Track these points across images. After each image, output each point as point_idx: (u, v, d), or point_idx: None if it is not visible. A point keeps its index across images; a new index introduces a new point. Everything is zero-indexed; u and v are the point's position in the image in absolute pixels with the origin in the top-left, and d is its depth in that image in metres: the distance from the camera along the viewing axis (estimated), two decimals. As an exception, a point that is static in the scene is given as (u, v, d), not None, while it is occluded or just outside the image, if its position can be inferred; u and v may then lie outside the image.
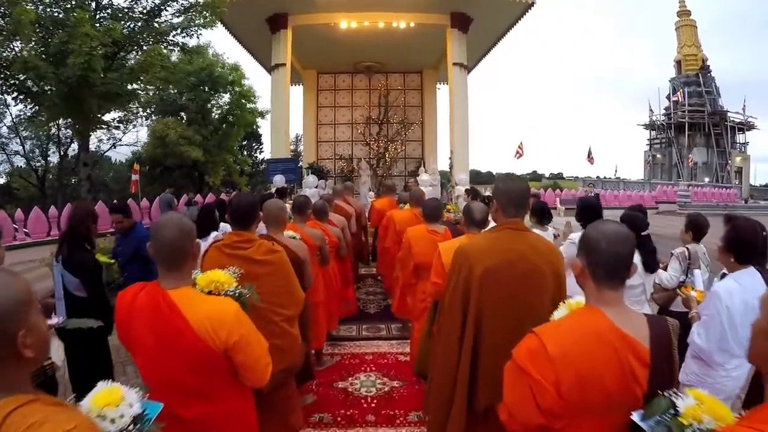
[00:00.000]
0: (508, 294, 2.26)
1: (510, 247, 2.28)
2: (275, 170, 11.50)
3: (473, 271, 2.23)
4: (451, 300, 2.35)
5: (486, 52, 15.74)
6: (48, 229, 14.36)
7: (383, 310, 6.77)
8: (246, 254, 2.57)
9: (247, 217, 2.65)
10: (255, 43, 14.05)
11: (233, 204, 2.68)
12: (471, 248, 2.31)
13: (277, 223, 3.28)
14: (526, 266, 2.26)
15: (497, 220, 2.40)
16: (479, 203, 3.33)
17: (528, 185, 2.48)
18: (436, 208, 4.05)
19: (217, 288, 2.11)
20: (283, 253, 2.67)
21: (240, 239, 2.61)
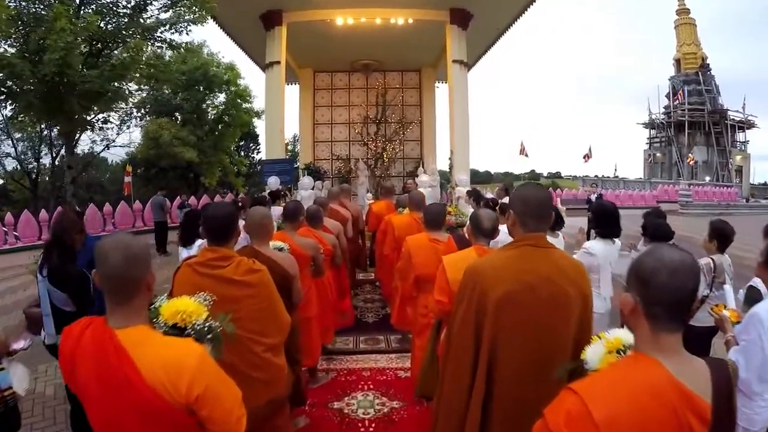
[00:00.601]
0: (528, 322, 1.93)
1: (531, 267, 1.95)
2: (270, 171, 11.12)
3: (488, 295, 1.90)
4: (462, 327, 2.01)
5: (486, 50, 15.39)
6: (39, 233, 14.06)
7: (382, 319, 6.44)
8: (222, 274, 2.23)
9: (224, 231, 2.31)
10: (249, 41, 13.68)
11: (207, 215, 2.34)
12: (485, 269, 1.97)
13: (262, 233, 2.95)
14: (551, 290, 1.94)
15: (514, 234, 2.07)
16: (488, 210, 3.00)
17: (550, 193, 2.14)
18: (438, 215, 3.71)
19: (185, 320, 1.77)
20: (265, 272, 2.32)
21: (215, 256, 2.27)
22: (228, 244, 2.31)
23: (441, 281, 2.78)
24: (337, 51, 14.38)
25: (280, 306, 2.40)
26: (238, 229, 2.37)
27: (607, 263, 4.12)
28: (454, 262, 2.79)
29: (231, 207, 2.38)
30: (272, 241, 3.42)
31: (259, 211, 2.99)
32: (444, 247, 3.56)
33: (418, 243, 3.63)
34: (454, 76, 11.94)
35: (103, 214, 15.16)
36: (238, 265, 2.25)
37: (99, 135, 23.49)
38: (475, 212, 2.99)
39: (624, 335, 1.55)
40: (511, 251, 2.00)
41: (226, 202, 2.52)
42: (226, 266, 2.24)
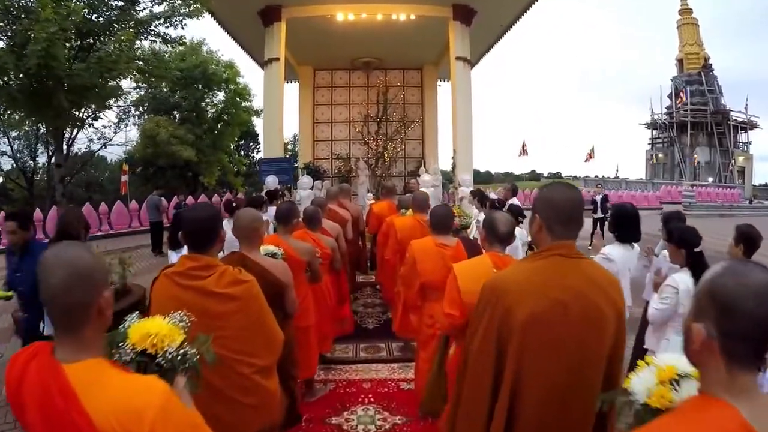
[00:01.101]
0: (558, 343, 1.66)
1: (561, 281, 1.67)
2: (268, 170, 10.85)
3: (513, 316, 1.62)
4: (481, 349, 1.73)
5: (489, 48, 15.14)
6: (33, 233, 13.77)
7: (383, 325, 6.16)
8: (203, 286, 1.95)
9: (205, 237, 2.03)
10: (248, 37, 13.42)
11: (186, 219, 2.06)
12: (508, 283, 1.69)
13: (251, 237, 2.67)
14: (583, 307, 1.66)
15: (540, 242, 1.79)
16: (503, 213, 2.71)
17: (581, 193, 1.86)
18: (445, 217, 3.42)
19: (156, 346, 1.49)
20: (253, 283, 2.04)
21: (196, 265, 1.99)
22: (210, 251, 2.03)
23: (452, 292, 2.50)
24: (338, 48, 14.11)
25: (271, 321, 2.12)
26: (222, 234, 2.09)
27: (626, 269, 3.85)
28: (466, 271, 2.52)
29: (212, 209, 2.09)
30: (265, 246, 3.14)
31: (247, 214, 2.71)
32: (452, 253, 3.28)
33: (423, 248, 3.35)
34: (457, 73, 11.66)
35: (98, 214, 14.88)
36: (221, 275, 1.97)
37: (96, 133, 23.19)
38: (489, 215, 2.71)
39: (677, 361, 1.32)
40: (538, 262, 1.72)
41: (208, 204, 2.22)
42: (207, 277, 1.96)
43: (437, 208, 3.48)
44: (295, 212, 3.70)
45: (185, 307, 1.91)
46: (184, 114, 24.87)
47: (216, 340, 1.90)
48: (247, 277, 2.04)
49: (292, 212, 3.68)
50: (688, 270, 3.33)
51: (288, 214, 3.65)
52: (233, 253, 2.74)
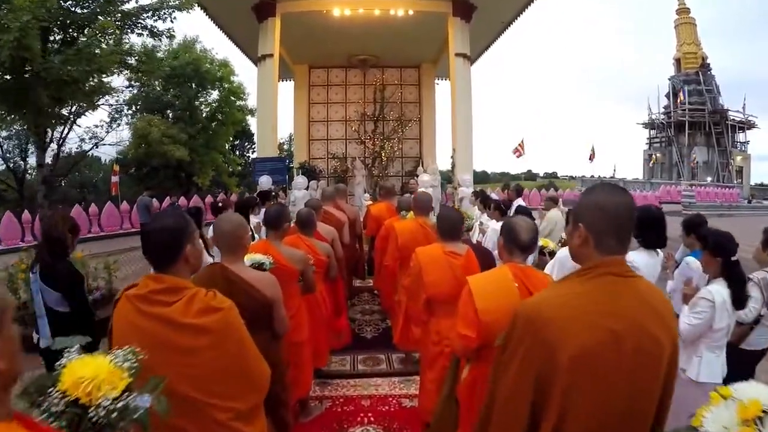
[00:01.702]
0: (611, 382, 1.32)
1: (615, 308, 1.32)
2: (262, 170, 10.47)
3: (558, 353, 1.27)
4: (514, 395, 1.38)
5: (488, 45, 14.77)
6: (22, 235, 13.39)
7: (382, 333, 5.80)
8: (167, 314, 1.58)
9: (169, 251, 1.66)
10: (241, 34, 13.01)
11: (146, 230, 1.69)
12: (550, 311, 1.33)
13: (233, 247, 2.32)
14: (640, 339, 1.33)
15: (583, 258, 1.44)
16: (525, 219, 2.36)
17: (633, 198, 1.51)
18: (455, 222, 3.06)
19: (92, 395, 1.14)
20: (230, 310, 1.68)
21: (159, 288, 1.63)
22: (175, 269, 1.67)
23: (467, 311, 2.16)
24: (334, 45, 13.75)
25: (254, 357, 1.75)
26: (194, 247, 1.72)
27: (652, 278, 3.50)
28: (483, 286, 2.17)
29: (179, 219, 1.68)
30: (251, 255, 2.78)
31: (228, 219, 2.35)
32: (462, 262, 2.92)
33: (430, 257, 2.99)
34: (457, 70, 11.30)
35: (88, 216, 14.47)
36: (190, 301, 1.59)
37: (87, 133, 22.68)
38: (509, 221, 2.35)
39: (760, 394, 1.08)
40: (586, 284, 1.37)
41: (174, 212, 1.83)
42: (172, 303, 1.59)
43: (446, 212, 3.11)
44: (285, 216, 3.34)
45: (148, 339, 1.56)
46: (177, 113, 24.43)
47: (186, 381, 1.54)
48: (223, 303, 1.66)
49: (282, 216, 3.32)
50: (724, 280, 3.00)
51: (278, 218, 3.28)
52: (213, 265, 2.38)
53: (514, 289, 2.17)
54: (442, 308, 3.00)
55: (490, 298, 2.15)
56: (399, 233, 4.24)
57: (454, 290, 2.92)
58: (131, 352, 1.29)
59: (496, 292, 2.17)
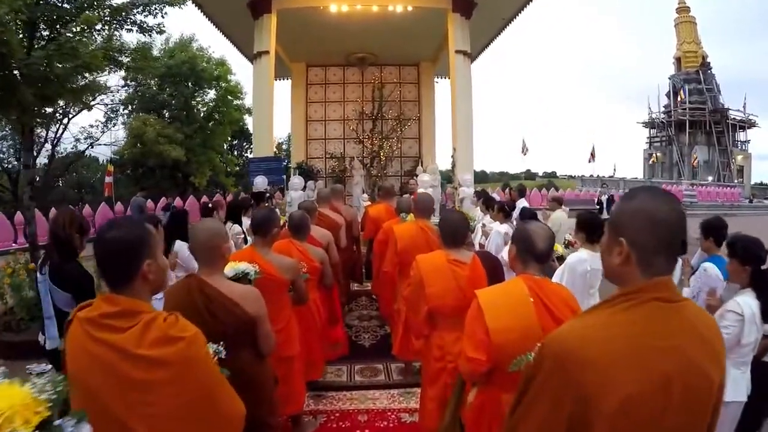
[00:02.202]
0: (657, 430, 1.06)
1: (665, 343, 1.07)
2: (257, 170, 10.19)
3: (598, 401, 1.02)
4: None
5: (488, 43, 14.49)
6: (14, 237, 13.11)
7: (380, 341, 5.54)
8: (120, 343, 1.32)
9: (125, 267, 1.40)
10: (237, 31, 12.74)
11: (99, 239, 1.42)
12: (586, 351, 1.07)
13: (211, 257, 2.06)
14: (691, 379, 1.08)
15: (624, 278, 1.18)
16: (541, 225, 2.10)
17: (682, 206, 1.25)
18: (460, 227, 2.79)
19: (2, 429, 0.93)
20: (193, 340, 1.40)
21: (111, 311, 1.36)
22: (131, 288, 1.40)
23: (476, 331, 1.90)
24: (331, 43, 13.49)
25: (223, 393, 1.48)
26: (155, 262, 1.45)
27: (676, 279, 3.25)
28: (495, 302, 1.92)
29: (136, 227, 1.42)
30: (234, 264, 2.52)
31: (204, 227, 2.09)
32: (468, 272, 2.67)
33: (433, 265, 2.73)
34: (457, 67, 11.02)
35: (82, 217, 14.22)
36: (146, 327, 1.32)
37: (83, 133, 22.39)
38: (523, 227, 2.09)
39: None
40: (631, 313, 1.11)
41: (132, 219, 1.53)
42: (126, 329, 1.32)
43: (450, 216, 2.84)
44: (274, 221, 3.07)
45: (100, 370, 1.31)
46: (173, 112, 24.09)
47: (142, 420, 1.29)
48: (184, 330, 1.39)
49: (270, 220, 3.05)
50: (753, 291, 2.75)
51: (265, 222, 3.02)
52: (190, 278, 2.12)
53: (529, 306, 1.92)
54: (445, 321, 2.75)
55: (503, 316, 1.90)
56: (398, 237, 3.97)
57: (458, 302, 2.67)
58: (54, 381, 1.05)
59: (510, 309, 1.91)
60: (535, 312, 1.92)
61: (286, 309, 3.13)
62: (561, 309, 1.99)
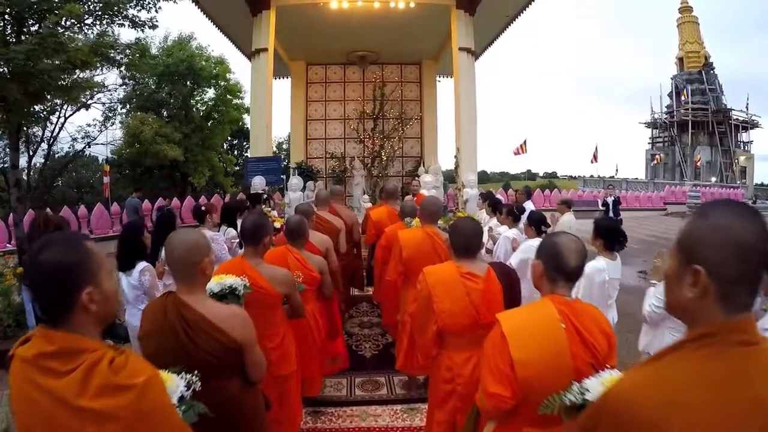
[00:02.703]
0: None
1: (747, 395, 0.81)
2: (255, 170, 9.89)
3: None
4: None
5: (492, 40, 14.20)
6: (8, 238, 12.87)
7: (382, 351, 5.27)
8: (60, 391, 1.04)
9: (58, 296, 1.12)
10: (235, 28, 12.44)
11: (29, 261, 1.15)
12: (658, 414, 0.80)
13: (189, 275, 1.79)
14: None
15: (698, 315, 0.91)
16: (571, 237, 1.81)
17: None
18: (473, 236, 2.50)
19: None
20: (147, 387, 1.12)
21: (50, 350, 1.09)
22: (70, 322, 1.12)
23: (499, 363, 1.63)
24: (332, 41, 13.21)
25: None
26: (98, 289, 1.17)
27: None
28: (520, 329, 1.65)
29: (73, 247, 1.13)
30: (220, 279, 2.24)
31: (180, 240, 1.81)
32: (482, 286, 2.38)
33: (442, 278, 2.44)
34: (461, 65, 10.73)
35: (78, 218, 13.90)
36: (88, 372, 1.04)
37: (80, 132, 22.05)
38: (551, 241, 1.81)
39: None
40: (711, 363, 0.85)
41: (70, 237, 1.22)
42: (66, 373, 1.05)
43: (462, 223, 2.55)
44: (264, 227, 2.78)
45: (41, 419, 1.04)
46: (172, 111, 23.78)
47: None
48: (134, 376, 1.09)
49: (261, 228, 2.76)
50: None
51: (255, 230, 2.74)
52: (166, 297, 1.84)
53: (560, 332, 1.65)
54: (455, 340, 2.47)
55: (531, 346, 1.62)
56: (403, 244, 3.68)
57: (471, 320, 2.40)
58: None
59: (538, 336, 1.64)
60: (567, 339, 1.65)
61: (280, 325, 2.86)
62: (594, 334, 1.72)
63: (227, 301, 2.11)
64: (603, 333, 1.76)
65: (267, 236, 2.76)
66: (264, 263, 2.76)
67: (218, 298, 2.11)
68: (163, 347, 1.80)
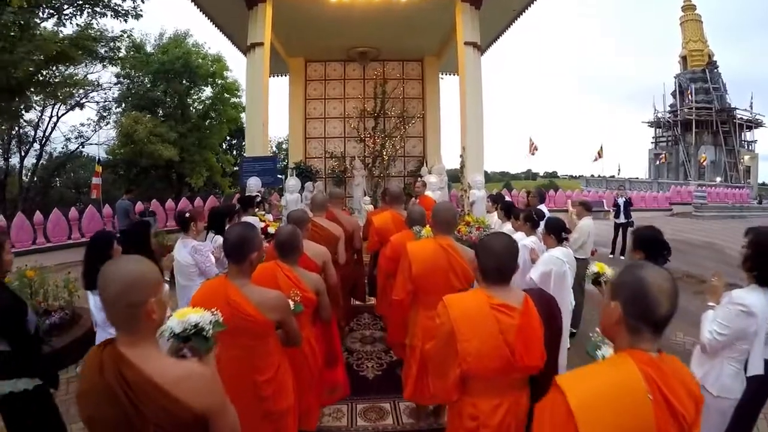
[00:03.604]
0: None
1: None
2: (251, 171, 9.40)
3: None
4: None
5: (497, 37, 13.67)
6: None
7: (387, 371, 4.78)
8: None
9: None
10: (230, 21, 11.90)
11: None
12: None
13: (130, 321, 1.32)
14: None
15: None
16: (661, 271, 1.31)
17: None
18: (508, 258, 2.00)
19: None
20: None
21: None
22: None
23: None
24: (331, 37, 12.72)
25: None
26: None
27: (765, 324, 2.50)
28: (594, 403, 1.18)
29: None
30: (184, 315, 1.74)
31: (117, 274, 1.32)
32: (519, 321, 1.89)
33: (468, 312, 1.94)
34: (467, 60, 10.22)
35: (68, 221, 13.36)
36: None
37: (73, 132, 21.56)
38: (635, 276, 1.30)
39: None
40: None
41: None
42: None
43: (494, 241, 2.02)
44: (251, 242, 2.28)
45: None
46: (168, 110, 23.24)
47: None
48: None
49: (247, 242, 2.27)
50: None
51: (239, 245, 2.25)
52: (103, 346, 1.35)
53: (646, 407, 1.17)
54: (483, 385, 1.99)
55: (609, 427, 1.14)
56: (413, 258, 3.16)
57: (504, 363, 1.92)
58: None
59: (620, 413, 1.15)
60: (655, 418, 1.17)
61: (273, 354, 2.39)
62: (684, 401, 1.24)
63: (193, 343, 1.62)
64: (692, 397, 1.28)
65: (254, 252, 2.26)
66: (250, 284, 2.28)
67: (181, 340, 1.62)
68: (103, 415, 1.32)
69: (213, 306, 1.83)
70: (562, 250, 3.97)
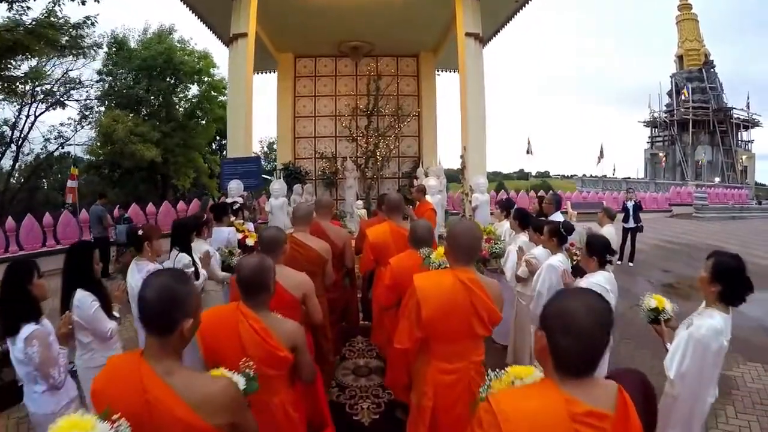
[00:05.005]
0: None
1: None
2: (232, 173, 8.59)
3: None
4: None
5: (498, 29, 12.92)
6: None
7: (385, 414, 3.97)
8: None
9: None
10: (211, 9, 11.07)
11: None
12: None
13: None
14: None
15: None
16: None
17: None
18: (601, 338, 1.19)
19: None
20: None
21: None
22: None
23: None
24: (322, 30, 11.97)
25: None
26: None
27: None
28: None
29: None
30: None
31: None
32: None
33: (523, 421, 1.16)
34: (468, 52, 9.46)
35: (42, 227, 12.46)
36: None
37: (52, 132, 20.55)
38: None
39: None
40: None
41: None
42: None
43: (579, 312, 1.22)
44: (182, 305, 1.47)
45: None
46: (152, 109, 22.25)
47: None
48: None
49: (175, 305, 1.46)
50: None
51: (163, 310, 1.44)
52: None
53: None
54: None
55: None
56: (424, 299, 2.32)
57: None
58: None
59: None
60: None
61: None
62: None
63: None
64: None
65: (186, 318, 1.45)
66: (181, 369, 1.47)
67: None
68: None
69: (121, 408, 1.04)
70: (605, 275, 3.18)
